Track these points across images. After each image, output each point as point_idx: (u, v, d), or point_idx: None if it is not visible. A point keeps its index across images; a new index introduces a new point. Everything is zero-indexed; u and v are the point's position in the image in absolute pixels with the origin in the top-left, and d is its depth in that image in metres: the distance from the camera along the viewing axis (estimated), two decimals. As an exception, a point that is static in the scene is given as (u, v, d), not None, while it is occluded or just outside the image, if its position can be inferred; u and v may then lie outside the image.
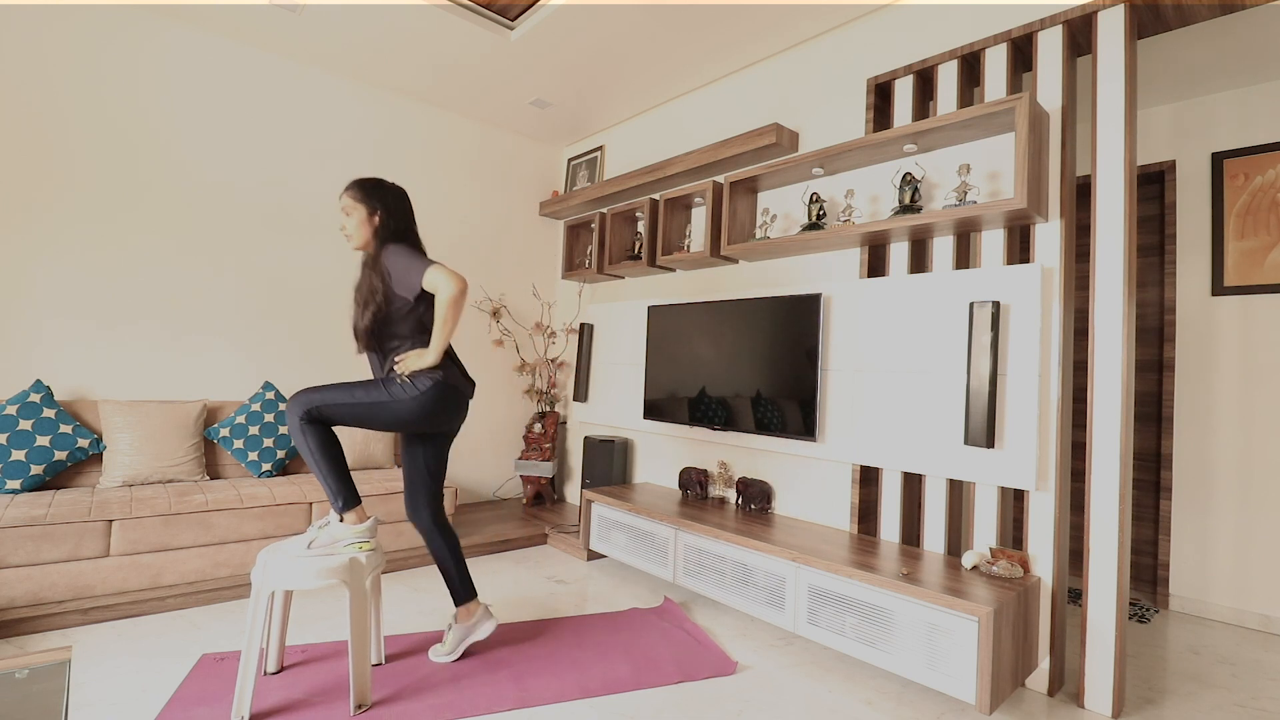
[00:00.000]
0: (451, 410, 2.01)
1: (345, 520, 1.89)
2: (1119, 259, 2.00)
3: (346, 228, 2.00)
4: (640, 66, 3.34)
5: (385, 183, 2.05)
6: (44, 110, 2.80)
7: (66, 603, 2.25)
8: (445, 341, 1.89)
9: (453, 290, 1.83)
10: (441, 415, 1.99)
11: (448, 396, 1.97)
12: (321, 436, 1.88)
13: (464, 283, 1.85)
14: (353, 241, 2.01)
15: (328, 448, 1.88)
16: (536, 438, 4.07)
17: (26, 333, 2.77)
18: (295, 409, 1.86)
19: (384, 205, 2.00)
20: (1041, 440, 2.09)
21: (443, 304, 1.84)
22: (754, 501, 2.92)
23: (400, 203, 2.05)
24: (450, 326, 1.87)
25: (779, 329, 2.78)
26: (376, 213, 1.99)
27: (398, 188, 2.07)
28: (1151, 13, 2.06)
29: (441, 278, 1.84)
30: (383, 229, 1.99)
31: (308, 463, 1.89)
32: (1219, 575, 2.88)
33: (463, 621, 2.14)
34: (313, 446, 1.86)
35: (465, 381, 2.05)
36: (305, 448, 1.87)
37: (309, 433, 1.86)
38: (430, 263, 1.88)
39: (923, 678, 1.91)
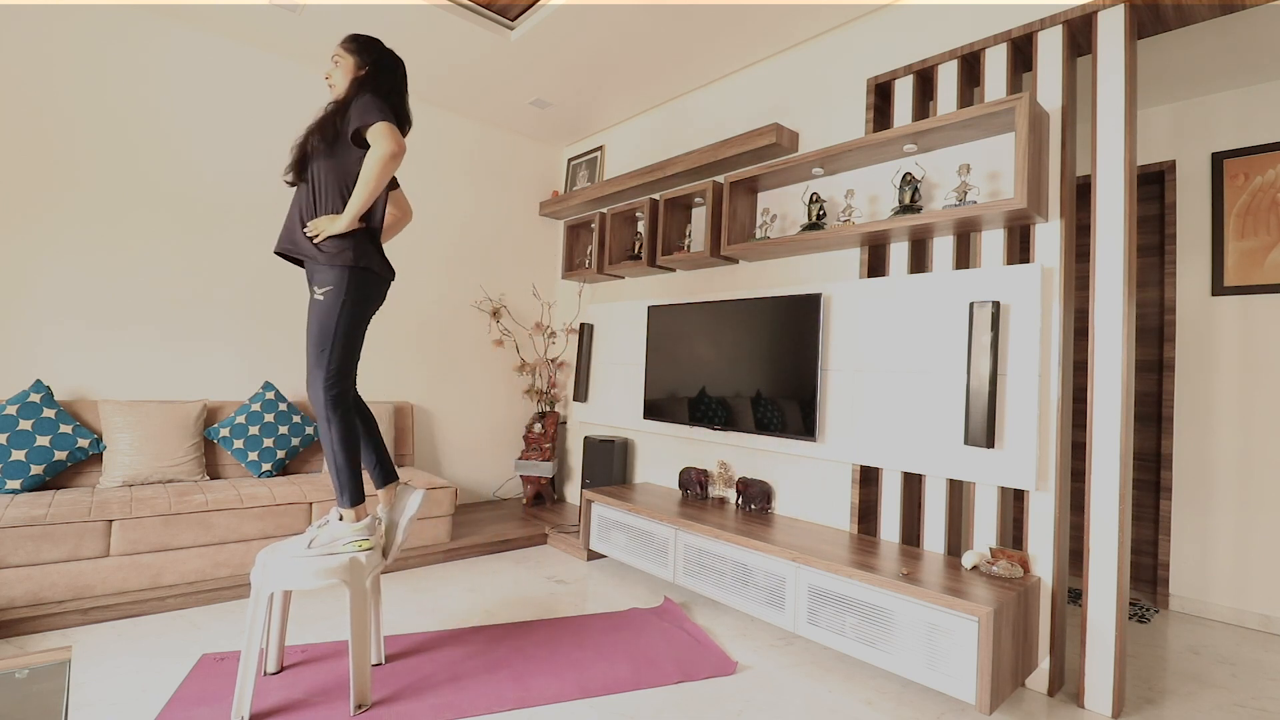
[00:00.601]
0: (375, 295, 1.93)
1: (345, 517, 1.89)
2: (1119, 259, 2.00)
3: (332, 77, 1.94)
4: (640, 66, 3.34)
5: (383, 43, 1.99)
6: (45, 110, 2.80)
7: (66, 603, 2.25)
8: (361, 204, 1.77)
9: (385, 149, 1.72)
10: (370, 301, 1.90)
11: (366, 280, 1.87)
12: (344, 429, 1.87)
13: (400, 146, 1.74)
14: (334, 90, 1.94)
15: (348, 442, 1.88)
16: (536, 438, 4.07)
17: (27, 333, 2.77)
18: (315, 396, 1.85)
19: (374, 61, 1.94)
20: (1041, 440, 2.09)
21: (372, 160, 1.73)
22: (754, 501, 2.92)
23: (393, 67, 1.98)
24: (371, 188, 1.75)
25: (779, 329, 2.78)
26: (365, 67, 1.93)
27: (396, 55, 2.01)
28: (1151, 13, 2.06)
29: (382, 134, 1.73)
30: (365, 81, 1.91)
31: (325, 452, 1.89)
32: (1219, 575, 2.88)
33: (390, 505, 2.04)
34: (335, 438, 1.87)
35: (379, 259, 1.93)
36: (327, 437, 1.87)
37: (334, 423, 1.86)
38: (387, 119, 1.77)
39: (923, 678, 1.91)
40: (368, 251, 1.88)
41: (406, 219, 2.29)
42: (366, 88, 1.90)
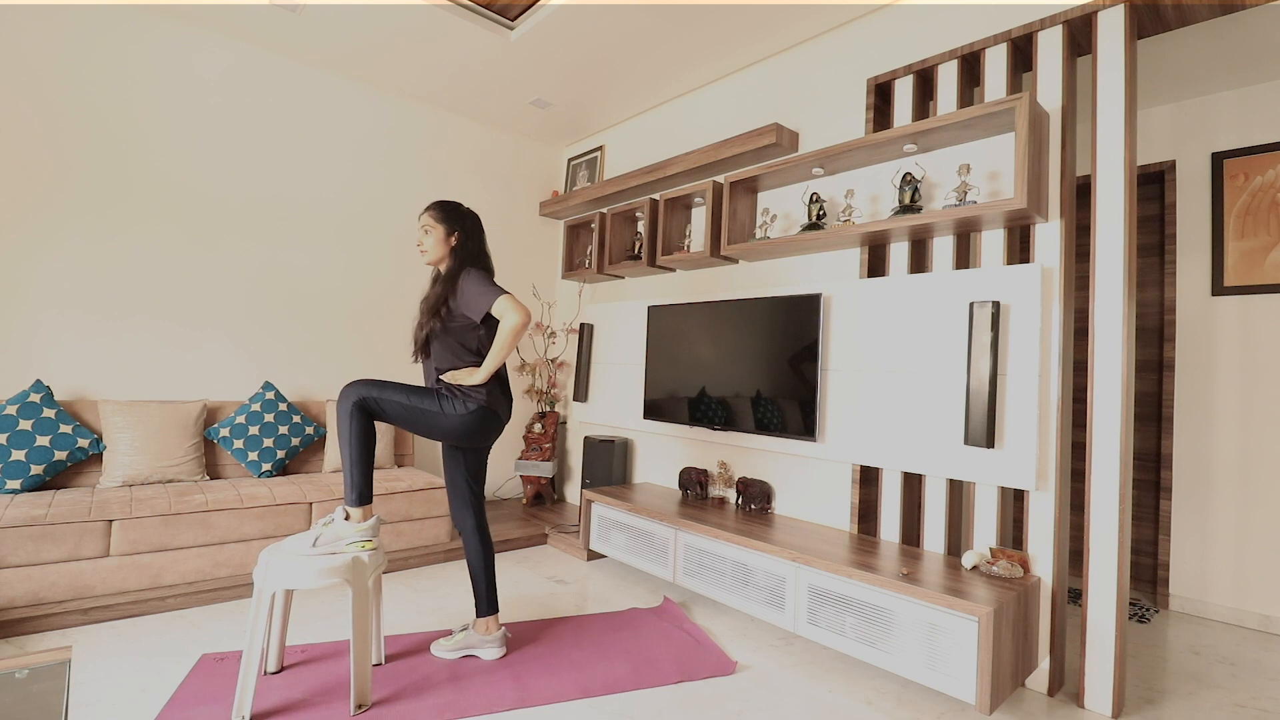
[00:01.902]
0: (489, 430, 2.11)
1: (351, 517, 1.90)
2: (1119, 259, 2.00)
3: (424, 244, 2.14)
4: (640, 66, 3.34)
5: (463, 207, 2.20)
6: (44, 110, 2.80)
7: (66, 603, 2.25)
8: (498, 365, 2.00)
9: (518, 320, 1.94)
10: (479, 434, 2.09)
11: (488, 419, 2.07)
12: (364, 427, 1.93)
13: (529, 315, 1.96)
14: (427, 257, 2.15)
15: (365, 439, 1.94)
16: (536, 438, 4.07)
17: (26, 333, 2.77)
18: (351, 394, 1.92)
19: (462, 228, 2.15)
20: (1041, 440, 2.09)
21: (505, 330, 1.95)
22: (754, 501, 2.92)
23: (476, 227, 2.20)
24: (506, 352, 1.99)
25: (779, 329, 2.78)
26: (455, 233, 2.14)
27: (474, 213, 2.22)
28: (1151, 13, 2.06)
29: (509, 307, 1.95)
30: (460, 249, 2.13)
31: (341, 447, 1.93)
32: (1219, 575, 2.88)
33: (478, 633, 2.16)
34: (354, 433, 1.92)
35: (505, 405, 2.14)
36: (346, 432, 1.92)
37: (355, 419, 1.92)
38: (502, 292, 1.99)
39: (923, 678, 1.91)
40: (497, 396, 2.10)
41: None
42: (464, 257, 2.12)
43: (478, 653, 2.14)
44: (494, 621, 2.17)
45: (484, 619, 2.16)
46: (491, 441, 2.19)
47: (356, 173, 3.69)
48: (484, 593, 2.16)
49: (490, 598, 2.17)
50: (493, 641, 2.15)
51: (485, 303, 1.99)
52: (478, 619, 2.17)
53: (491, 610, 2.17)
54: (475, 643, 2.15)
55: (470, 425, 2.03)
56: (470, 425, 2.03)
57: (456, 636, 2.16)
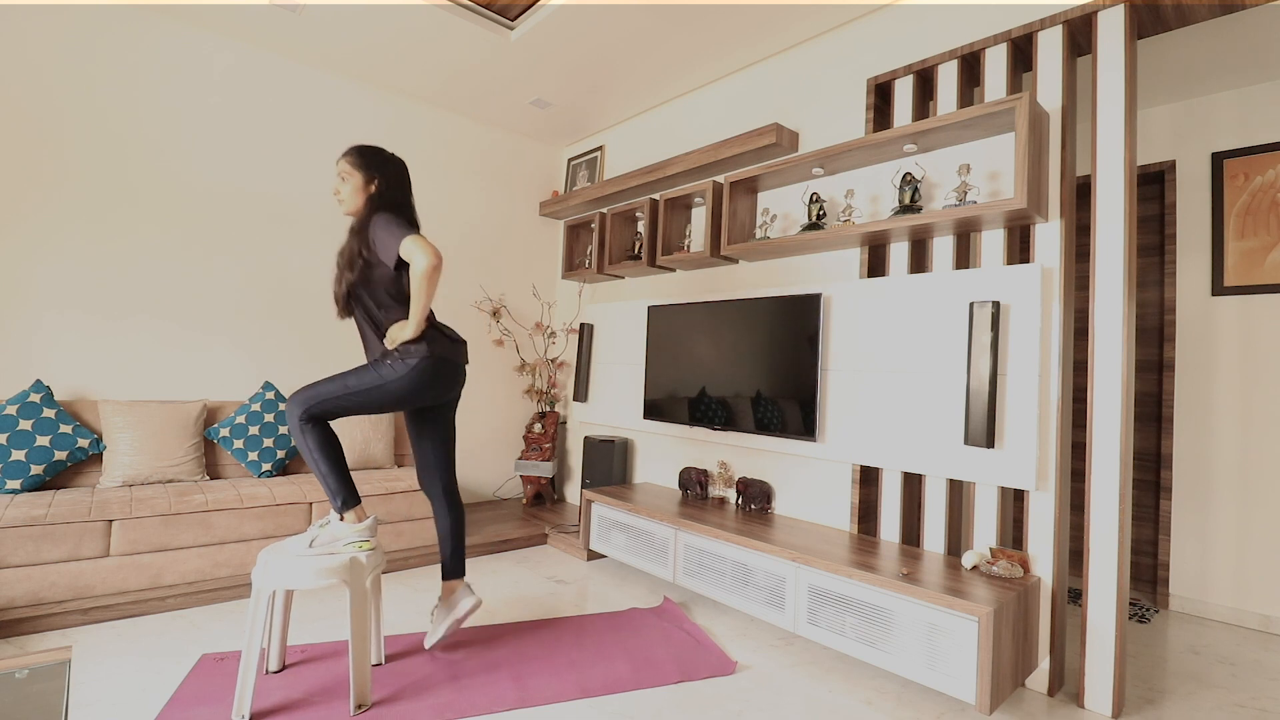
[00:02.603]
0: (446, 381, 2.00)
1: (345, 520, 1.89)
2: (1119, 259, 2.00)
3: (341, 192, 1.99)
4: (640, 66, 3.34)
5: (385, 152, 2.04)
6: (43, 110, 2.80)
7: (66, 603, 2.25)
8: (422, 313, 1.86)
9: (425, 263, 1.79)
10: (436, 387, 1.98)
11: (438, 369, 1.95)
12: (321, 436, 1.89)
13: (438, 256, 1.81)
14: (345, 206, 2.00)
15: (327, 447, 1.89)
16: (536, 438, 4.07)
17: (26, 333, 2.77)
18: (294, 409, 1.87)
19: (381, 174, 1.99)
20: (1041, 440, 2.09)
21: (416, 276, 1.81)
22: (754, 501, 2.92)
23: (399, 174, 2.04)
24: (425, 299, 1.83)
25: (779, 329, 2.78)
26: (374, 181, 1.98)
27: (398, 159, 2.06)
28: (1151, 13, 2.06)
29: (417, 249, 1.80)
30: (377, 197, 1.97)
31: (308, 462, 1.90)
32: (1219, 575, 2.88)
33: (444, 600, 2.12)
34: (312, 446, 1.88)
35: (454, 347, 2.02)
36: (305, 447, 1.88)
37: (308, 432, 1.87)
38: (410, 232, 1.84)
39: (923, 678, 1.91)
40: (441, 342, 1.97)
41: None
42: (380, 205, 1.96)
43: (454, 615, 2.08)
44: (456, 583, 2.13)
45: (449, 583, 2.11)
46: (453, 394, 2.09)
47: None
48: (449, 555, 2.11)
49: (457, 561, 2.12)
50: (459, 597, 2.10)
51: (393, 245, 1.84)
52: (445, 583, 2.11)
53: (456, 574, 2.12)
54: (446, 612, 2.10)
55: (420, 381, 1.92)
56: (420, 381, 1.92)
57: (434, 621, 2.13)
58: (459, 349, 2.04)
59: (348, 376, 1.91)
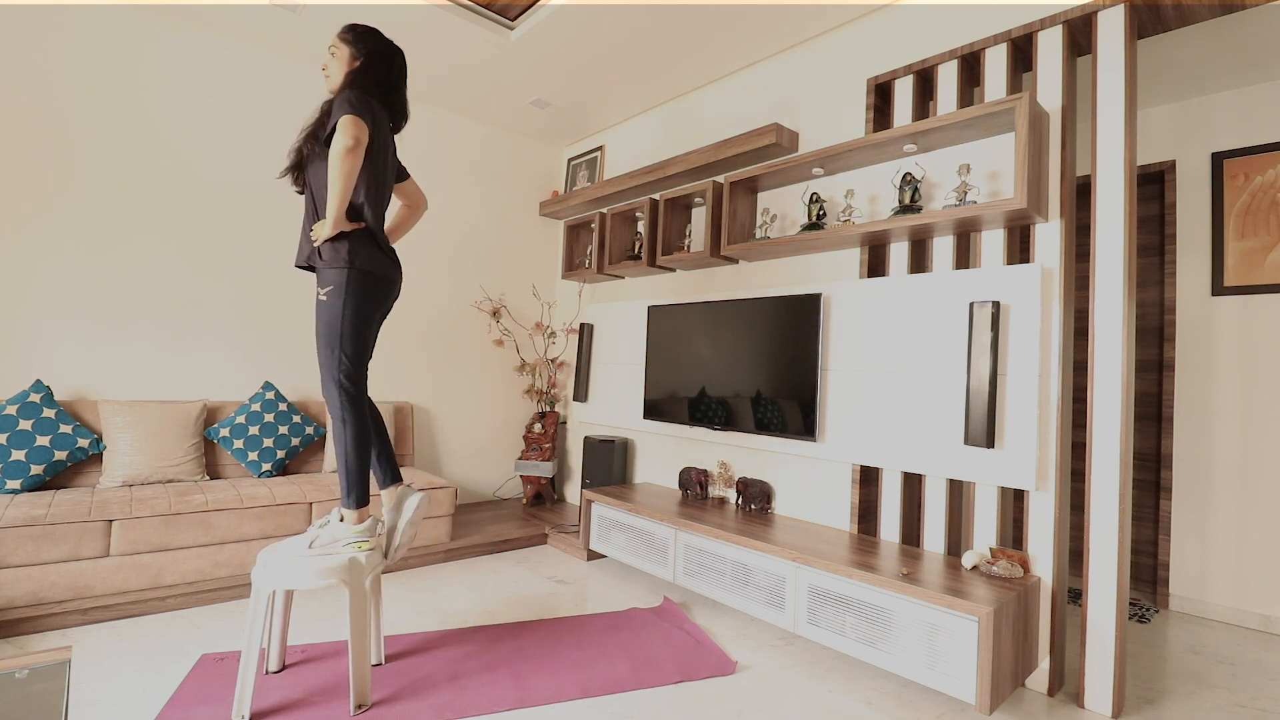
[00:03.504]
0: (379, 295, 1.89)
1: (347, 520, 1.89)
2: (1119, 259, 2.00)
3: (328, 67, 1.90)
4: (640, 66, 3.34)
5: (380, 33, 1.94)
6: (43, 110, 2.80)
7: (66, 603, 2.25)
8: (335, 204, 1.71)
9: (339, 144, 1.65)
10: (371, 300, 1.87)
11: (365, 283, 1.83)
12: (358, 430, 1.86)
13: (355, 138, 1.66)
14: (329, 82, 1.91)
15: (361, 443, 1.87)
16: (536, 438, 4.07)
17: (26, 333, 2.77)
18: (330, 395, 1.84)
19: (370, 51, 1.89)
20: (1041, 440, 2.09)
21: (332, 156, 1.67)
22: (754, 501, 2.92)
23: (388, 57, 1.92)
24: (340, 185, 1.68)
25: (779, 329, 2.78)
26: (359, 58, 1.88)
27: (393, 44, 1.95)
28: (1151, 13, 2.06)
29: (342, 127, 1.65)
30: (358, 74, 1.86)
31: (336, 451, 1.88)
32: (1219, 575, 2.88)
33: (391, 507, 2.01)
34: (349, 438, 1.86)
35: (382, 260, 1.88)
36: (341, 437, 1.86)
37: (349, 423, 1.85)
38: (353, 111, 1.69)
39: (923, 678, 1.91)
40: (365, 250, 1.84)
41: (419, 210, 2.23)
42: (356, 82, 1.85)
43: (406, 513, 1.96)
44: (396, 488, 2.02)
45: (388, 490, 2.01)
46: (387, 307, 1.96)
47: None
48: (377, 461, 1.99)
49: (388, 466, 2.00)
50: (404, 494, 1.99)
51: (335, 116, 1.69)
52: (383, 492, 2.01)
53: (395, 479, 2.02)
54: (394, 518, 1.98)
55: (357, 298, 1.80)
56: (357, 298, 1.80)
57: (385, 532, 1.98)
58: (386, 259, 1.90)
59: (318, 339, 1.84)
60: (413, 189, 2.22)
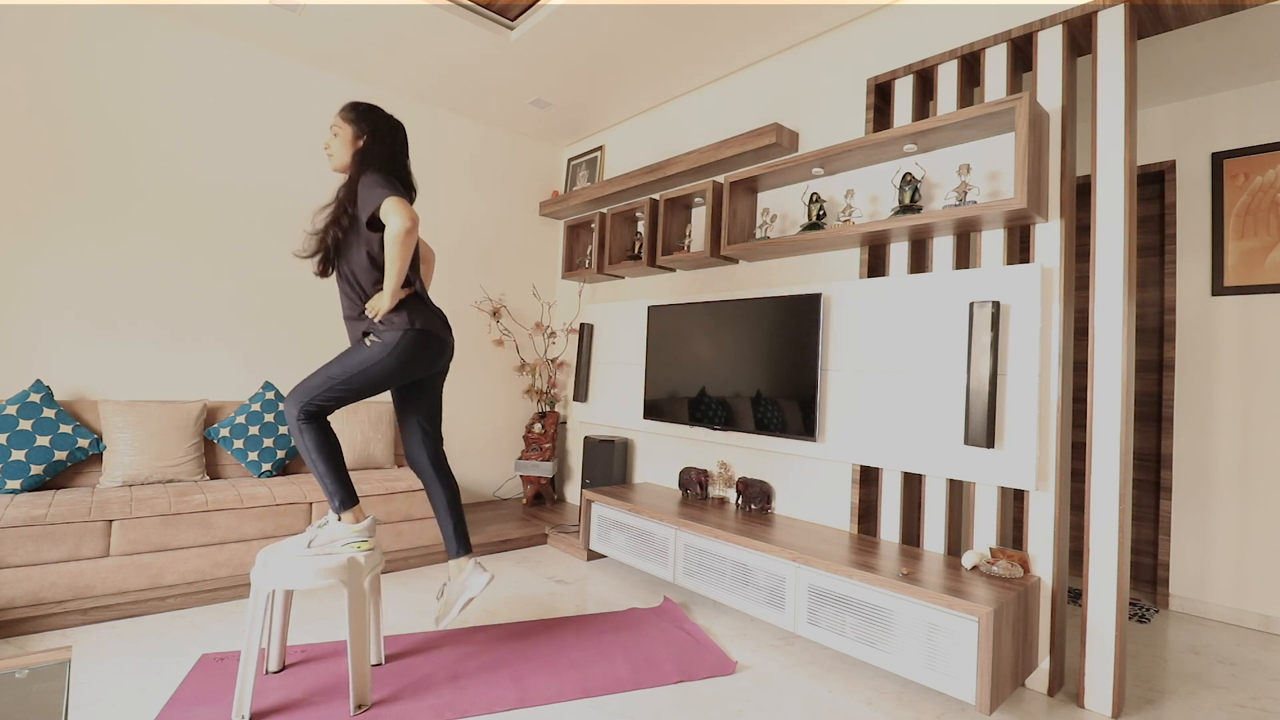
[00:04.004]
0: (431, 356, 1.95)
1: (343, 520, 1.89)
2: (1119, 259, 2.00)
3: (330, 146, 1.95)
4: (640, 66, 3.34)
5: (382, 110, 1.99)
6: (42, 109, 2.80)
7: (66, 603, 2.25)
8: (396, 280, 1.80)
9: (398, 226, 1.73)
10: (420, 363, 1.93)
11: (421, 343, 1.89)
12: (318, 436, 1.87)
13: (413, 219, 1.74)
14: (333, 162, 1.95)
15: (325, 448, 1.88)
16: (536, 438, 4.07)
17: (26, 333, 2.77)
18: (290, 409, 1.86)
19: (373, 129, 1.94)
20: (1041, 440, 2.09)
21: (389, 240, 1.75)
22: (754, 501, 2.92)
23: (392, 133, 1.98)
24: (399, 265, 1.77)
25: (779, 329, 2.78)
26: (363, 136, 1.93)
27: (394, 120, 2.00)
28: (1151, 13, 2.06)
29: (393, 210, 1.74)
30: (365, 154, 1.92)
31: (306, 462, 1.89)
32: (1219, 575, 2.88)
33: (455, 578, 2.04)
34: (310, 445, 1.86)
35: (437, 322, 1.96)
36: (303, 447, 1.87)
37: (306, 432, 1.86)
38: (391, 192, 1.77)
39: (923, 678, 1.91)
40: (424, 312, 1.93)
41: (431, 264, 2.28)
42: (367, 162, 1.91)
43: (468, 595, 1.99)
44: (464, 560, 2.04)
45: (455, 561, 2.04)
46: (438, 368, 2.03)
47: (356, 173, 3.69)
48: (453, 532, 2.03)
49: (461, 535, 2.03)
50: (469, 575, 2.00)
51: (373, 204, 1.77)
52: (450, 563, 2.04)
53: (464, 550, 2.04)
54: (457, 590, 2.01)
55: (403, 358, 1.86)
56: (403, 358, 1.86)
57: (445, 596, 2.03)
58: (441, 322, 1.98)
59: (331, 366, 1.87)
60: (423, 247, 2.25)
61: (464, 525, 2.07)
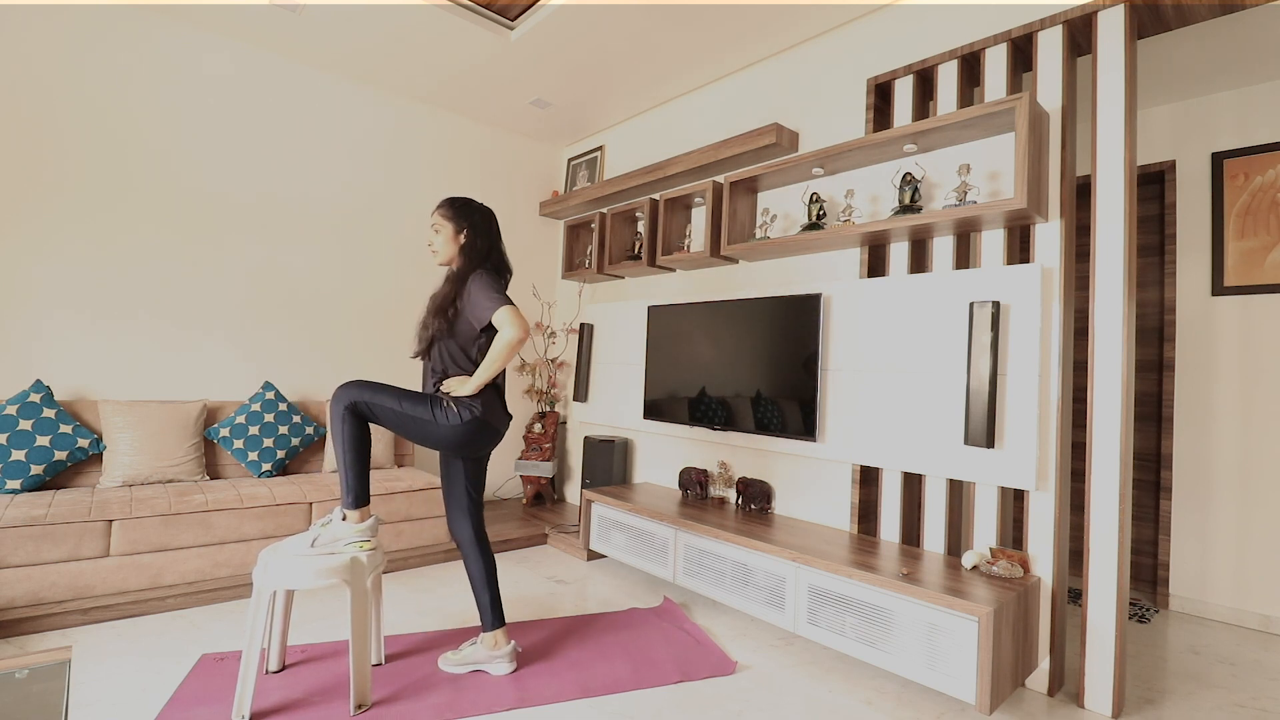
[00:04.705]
0: (483, 442, 2.05)
1: (348, 519, 1.89)
2: (1119, 259, 2.00)
3: (434, 244, 2.09)
4: (640, 66, 3.34)
5: (474, 203, 2.13)
6: (42, 109, 2.80)
7: (66, 603, 2.25)
8: (489, 376, 1.95)
9: (513, 335, 1.88)
10: (472, 445, 2.03)
11: (483, 430, 2.01)
12: (358, 430, 1.90)
13: (526, 331, 1.90)
14: (439, 257, 2.09)
15: (360, 442, 1.90)
16: (536, 438, 4.07)
17: (26, 332, 2.77)
18: (343, 397, 1.88)
19: (470, 224, 2.08)
20: (1041, 440, 2.09)
21: (501, 344, 1.90)
22: (754, 501, 2.92)
23: (487, 223, 2.13)
24: (498, 366, 1.93)
25: (779, 329, 2.78)
26: (463, 231, 2.07)
27: (485, 208, 2.14)
28: (1151, 13, 2.06)
29: (508, 320, 1.90)
30: (468, 247, 2.07)
31: (335, 451, 1.89)
32: (1219, 575, 2.88)
33: (486, 648, 2.06)
34: (347, 437, 1.88)
35: (502, 416, 2.08)
36: (339, 436, 1.88)
37: (348, 422, 1.88)
38: (505, 302, 1.93)
39: (923, 678, 1.91)
40: (494, 408, 2.03)
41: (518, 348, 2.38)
42: (473, 257, 2.06)
43: (486, 668, 2.04)
44: (503, 635, 2.07)
45: (491, 633, 2.06)
46: (488, 451, 2.14)
47: (356, 172, 3.69)
48: (488, 605, 2.07)
49: (496, 610, 2.07)
50: (502, 656, 2.04)
51: (488, 310, 1.93)
52: (484, 634, 2.07)
53: (498, 623, 2.07)
54: (483, 658, 2.05)
55: (462, 436, 1.97)
56: (462, 436, 1.97)
57: (464, 651, 2.07)
58: (505, 418, 2.10)
59: (404, 397, 1.93)
60: None
61: (499, 599, 2.11)
